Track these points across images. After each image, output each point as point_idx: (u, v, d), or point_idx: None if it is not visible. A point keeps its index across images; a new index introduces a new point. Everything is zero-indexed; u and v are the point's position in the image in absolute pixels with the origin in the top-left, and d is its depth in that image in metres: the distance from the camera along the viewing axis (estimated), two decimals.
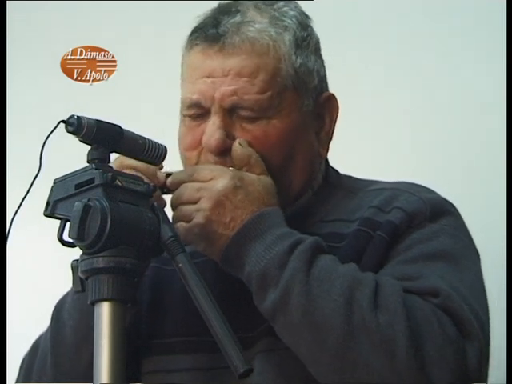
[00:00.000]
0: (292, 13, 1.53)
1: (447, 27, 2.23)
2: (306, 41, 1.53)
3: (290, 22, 1.52)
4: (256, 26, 1.49)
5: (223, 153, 1.47)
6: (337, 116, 1.57)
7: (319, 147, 1.55)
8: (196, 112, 1.49)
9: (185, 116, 1.52)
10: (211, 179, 1.41)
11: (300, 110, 1.51)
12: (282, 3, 1.54)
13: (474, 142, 2.18)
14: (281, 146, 1.48)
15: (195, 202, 1.40)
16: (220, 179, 1.41)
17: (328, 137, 1.56)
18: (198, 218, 1.39)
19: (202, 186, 1.41)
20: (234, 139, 1.47)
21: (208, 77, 1.48)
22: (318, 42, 1.57)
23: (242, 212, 1.39)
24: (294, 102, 1.50)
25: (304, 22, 1.54)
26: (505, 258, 1.79)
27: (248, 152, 1.46)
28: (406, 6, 2.28)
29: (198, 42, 1.50)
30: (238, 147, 1.46)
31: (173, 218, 1.42)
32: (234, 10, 1.51)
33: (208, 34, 1.49)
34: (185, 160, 1.51)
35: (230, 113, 1.47)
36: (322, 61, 1.57)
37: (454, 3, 2.23)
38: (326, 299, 1.32)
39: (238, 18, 1.49)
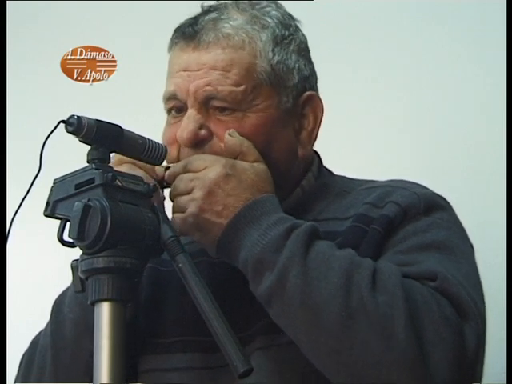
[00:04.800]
0: (274, 12, 1.54)
1: (447, 27, 2.24)
2: (287, 40, 1.53)
3: (269, 20, 1.53)
4: (231, 22, 1.50)
5: (197, 145, 1.47)
6: (322, 116, 1.56)
7: (298, 147, 1.54)
8: (174, 105, 1.51)
9: (167, 112, 1.54)
10: (204, 169, 1.42)
11: (277, 107, 1.51)
12: (264, 3, 1.55)
13: (474, 143, 2.18)
14: (255, 140, 1.48)
15: (189, 193, 1.41)
16: (212, 168, 1.41)
17: (311, 137, 1.55)
18: (191, 208, 1.40)
19: (195, 176, 1.41)
20: (210, 132, 1.48)
21: (184, 70, 1.50)
22: (302, 43, 1.57)
23: (234, 200, 1.39)
24: (270, 97, 1.50)
25: (286, 22, 1.55)
26: (505, 257, 1.79)
27: (239, 141, 1.46)
28: (406, 6, 2.28)
29: (177, 41, 1.53)
30: (229, 138, 1.46)
31: (171, 209, 1.43)
32: (212, 9, 1.54)
33: (185, 32, 1.52)
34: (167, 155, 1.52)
35: (206, 105, 1.48)
36: (309, 62, 1.57)
37: (454, 3, 2.23)
38: (323, 281, 1.31)
39: (213, 15, 1.52)
